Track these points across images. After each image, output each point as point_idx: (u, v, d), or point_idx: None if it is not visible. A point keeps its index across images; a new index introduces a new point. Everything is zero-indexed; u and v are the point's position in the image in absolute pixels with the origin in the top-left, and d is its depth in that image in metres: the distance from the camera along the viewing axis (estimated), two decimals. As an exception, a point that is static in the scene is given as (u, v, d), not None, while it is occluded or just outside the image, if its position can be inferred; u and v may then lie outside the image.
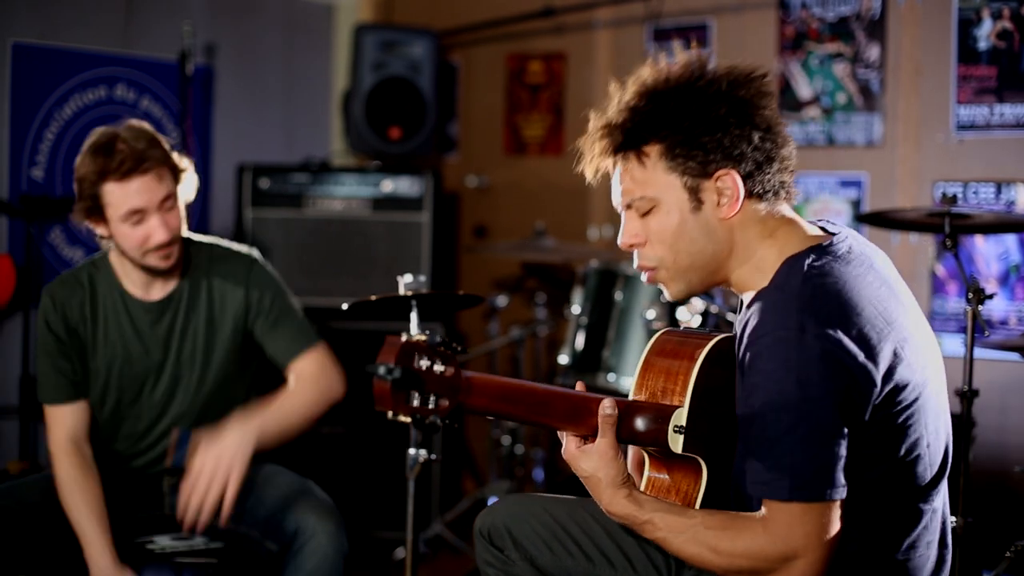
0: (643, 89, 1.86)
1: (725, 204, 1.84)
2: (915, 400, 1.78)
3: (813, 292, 1.75)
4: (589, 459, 1.85)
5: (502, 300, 4.48)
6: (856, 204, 3.91)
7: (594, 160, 1.91)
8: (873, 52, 3.87)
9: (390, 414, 1.65)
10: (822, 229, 1.91)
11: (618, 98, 1.89)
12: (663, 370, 1.91)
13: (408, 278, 2.61)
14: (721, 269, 1.89)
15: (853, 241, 1.87)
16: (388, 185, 4.22)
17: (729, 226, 1.86)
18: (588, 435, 1.87)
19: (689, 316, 3.29)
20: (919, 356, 1.80)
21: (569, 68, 4.80)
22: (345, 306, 2.65)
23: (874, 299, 1.77)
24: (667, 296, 1.94)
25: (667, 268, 1.89)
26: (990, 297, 2.78)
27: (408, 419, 1.67)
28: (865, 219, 3.29)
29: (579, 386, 1.94)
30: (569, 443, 1.88)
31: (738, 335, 1.85)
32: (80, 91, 4.14)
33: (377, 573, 3.93)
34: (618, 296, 3.69)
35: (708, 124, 1.82)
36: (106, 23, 4.24)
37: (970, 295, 2.75)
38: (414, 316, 2.60)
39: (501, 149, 5.01)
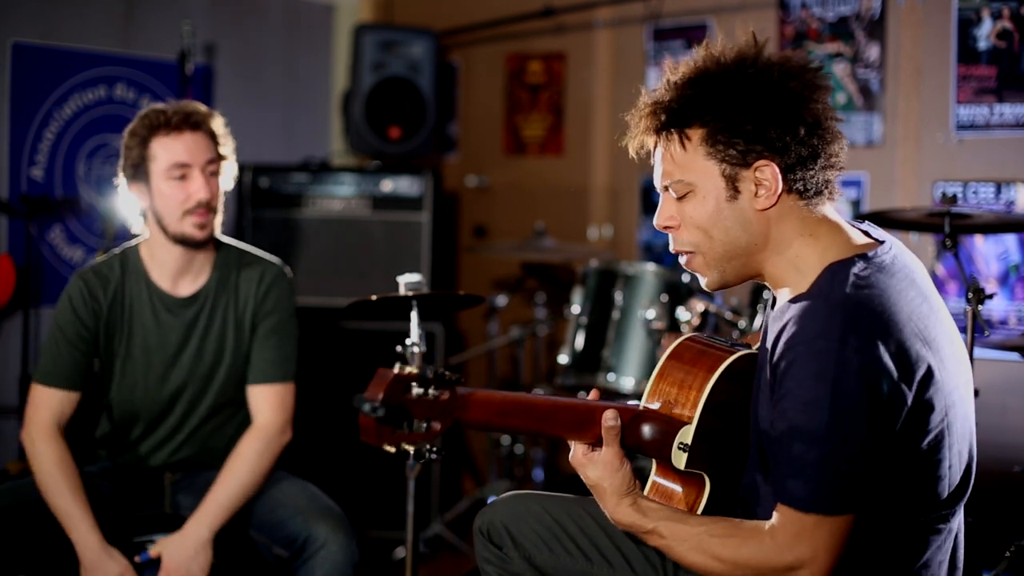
0: (694, 71, 1.83)
1: (762, 196, 1.81)
2: (942, 420, 1.75)
3: (857, 304, 1.71)
4: (595, 467, 1.85)
5: (502, 300, 4.48)
6: (856, 204, 3.91)
7: (638, 136, 1.89)
8: (873, 52, 3.87)
9: (374, 445, 1.66)
10: (865, 233, 1.87)
11: (668, 76, 1.86)
12: (677, 380, 1.90)
13: (408, 277, 2.61)
14: (755, 261, 1.86)
15: (898, 251, 1.84)
16: (388, 185, 4.22)
17: (765, 218, 1.82)
18: (595, 443, 1.86)
19: (689, 315, 3.29)
20: (951, 377, 1.77)
21: (569, 68, 4.80)
22: (346, 306, 2.65)
23: (915, 316, 1.74)
24: (703, 285, 1.92)
25: (703, 254, 1.86)
26: (990, 297, 2.78)
27: (393, 449, 1.67)
28: (865, 219, 3.28)
29: (593, 393, 1.93)
30: (576, 450, 1.87)
31: (772, 337, 1.81)
32: (80, 91, 4.15)
33: (377, 573, 3.93)
34: (618, 296, 3.69)
35: (753, 113, 1.79)
36: (106, 23, 4.24)
37: (970, 295, 2.74)
38: (414, 316, 2.60)
39: (501, 149, 5.01)
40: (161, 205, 2.69)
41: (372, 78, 4.33)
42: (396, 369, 1.64)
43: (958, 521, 1.86)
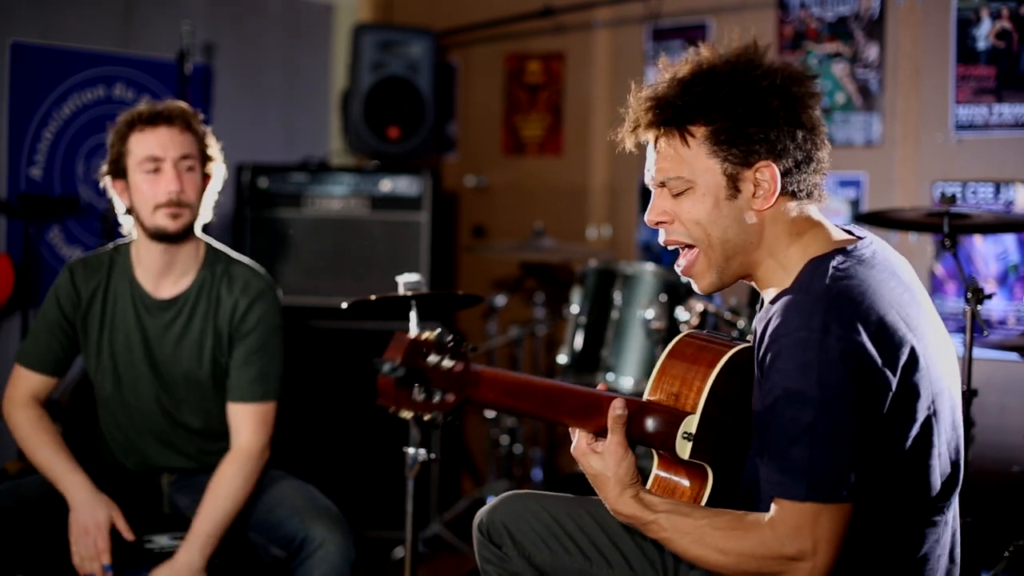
0: (699, 68, 1.85)
1: (760, 196, 1.83)
2: (929, 408, 1.76)
3: (838, 294, 1.74)
4: (599, 457, 1.85)
5: (501, 300, 4.48)
6: (855, 204, 3.91)
7: (637, 131, 1.89)
8: (872, 52, 3.87)
9: (391, 409, 1.66)
10: (848, 232, 1.90)
11: (671, 72, 1.87)
12: (680, 374, 1.90)
13: (407, 277, 2.61)
14: (749, 262, 1.88)
15: (878, 246, 1.87)
16: (387, 185, 4.22)
17: (761, 219, 1.85)
18: (598, 433, 1.86)
19: (688, 315, 3.29)
20: (936, 366, 1.79)
21: (568, 68, 4.80)
22: (344, 305, 2.65)
23: (896, 304, 1.76)
24: (696, 289, 1.93)
25: (703, 252, 1.88)
26: (989, 297, 2.78)
27: (410, 415, 1.67)
28: (864, 219, 3.28)
29: (601, 387, 1.94)
30: (580, 440, 1.87)
31: (758, 333, 1.84)
32: (79, 90, 4.14)
33: (376, 573, 3.93)
34: (617, 296, 3.69)
35: (759, 115, 1.81)
36: (106, 23, 4.24)
37: (969, 295, 2.75)
38: (413, 316, 2.61)
39: (500, 149, 5.01)
40: (137, 200, 2.71)
41: (371, 78, 4.33)
42: (412, 333, 1.64)
43: (953, 514, 1.88)
